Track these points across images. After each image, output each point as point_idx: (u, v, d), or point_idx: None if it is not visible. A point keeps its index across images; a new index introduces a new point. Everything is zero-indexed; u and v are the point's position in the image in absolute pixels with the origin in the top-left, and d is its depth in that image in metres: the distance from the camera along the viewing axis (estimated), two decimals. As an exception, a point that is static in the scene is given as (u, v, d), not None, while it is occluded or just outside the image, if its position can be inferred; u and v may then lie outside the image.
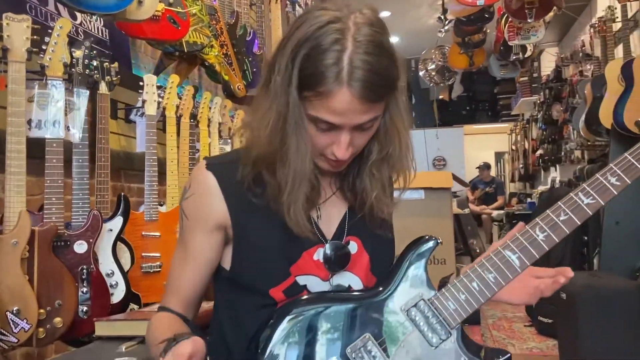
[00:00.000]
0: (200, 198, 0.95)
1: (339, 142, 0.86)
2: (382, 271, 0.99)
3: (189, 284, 0.97)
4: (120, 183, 2.49)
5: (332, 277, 0.94)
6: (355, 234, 0.98)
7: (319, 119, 0.85)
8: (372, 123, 0.88)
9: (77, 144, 1.71)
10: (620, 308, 2.43)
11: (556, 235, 0.86)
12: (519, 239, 0.87)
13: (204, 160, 0.99)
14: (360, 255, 0.97)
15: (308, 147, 0.87)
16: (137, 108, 2.35)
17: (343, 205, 0.99)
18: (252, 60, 3.01)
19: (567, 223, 0.86)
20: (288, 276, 0.92)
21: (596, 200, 0.85)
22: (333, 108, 0.83)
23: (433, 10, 7.16)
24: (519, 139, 8.55)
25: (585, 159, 4.80)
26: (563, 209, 0.86)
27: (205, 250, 0.96)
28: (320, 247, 0.94)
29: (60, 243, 1.57)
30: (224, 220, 0.94)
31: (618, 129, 3.00)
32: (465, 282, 0.87)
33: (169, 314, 0.97)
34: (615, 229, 3.09)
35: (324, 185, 0.98)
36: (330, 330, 0.86)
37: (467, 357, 0.85)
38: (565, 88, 5.40)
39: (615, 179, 0.85)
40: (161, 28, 2.24)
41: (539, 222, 0.86)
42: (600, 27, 3.88)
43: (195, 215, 0.96)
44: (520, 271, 0.86)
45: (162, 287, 2.16)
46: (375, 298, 0.89)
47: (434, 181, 3.28)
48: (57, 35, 1.62)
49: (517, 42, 4.63)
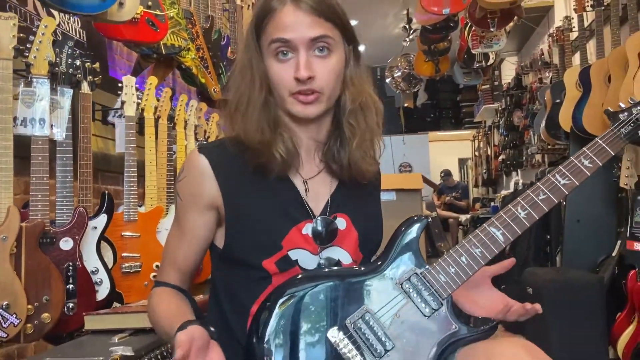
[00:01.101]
0: (193, 179, 1.01)
1: (298, 63, 0.95)
2: (370, 248, 1.07)
3: (185, 257, 1.04)
4: (97, 185, 2.49)
5: (321, 251, 1.00)
6: (344, 211, 1.04)
7: (274, 41, 0.95)
8: (326, 46, 0.97)
9: (60, 142, 1.72)
10: (585, 300, 2.56)
11: (536, 212, 0.94)
12: (502, 216, 0.95)
13: (196, 146, 1.06)
14: (349, 232, 1.04)
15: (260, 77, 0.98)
16: (115, 109, 2.36)
17: (331, 183, 1.05)
18: (227, 65, 3.05)
19: (545, 202, 0.94)
20: (280, 249, 0.98)
21: (571, 181, 0.94)
22: (282, 24, 0.95)
23: (398, 20, 7.35)
24: (482, 145, 8.80)
25: (546, 162, 5.00)
26: (542, 189, 0.94)
27: (200, 228, 1.02)
28: (309, 222, 1.01)
29: (46, 240, 1.57)
30: (215, 199, 1.00)
31: (577, 132, 3.16)
32: (455, 257, 0.94)
33: (167, 288, 1.04)
34: (576, 227, 3.24)
35: (309, 161, 1.05)
36: (328, 305, 0.92)
37: (457, 324, 0.92)
38: (526, 95, 5.61)
39: (588, 162, 0.94)
40: (140, 30, 2.26)
41: (520, 201, 0.95)
42: (558, 37, 4.07)
43: (188, 196, 1.02)
44: (504, 246, 0.94)
45: (143, 288, 2.19)
46: (371, 273, 0.95)
47: (405, 183, 3.38)
48: (42, 34, 1.63)
49: (481, 50, 4.81)
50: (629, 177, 2.65)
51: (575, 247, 3.20)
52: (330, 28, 0.96)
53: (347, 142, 1.01)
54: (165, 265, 1.07)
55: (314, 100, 0.97)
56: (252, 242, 0.99)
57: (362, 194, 1.08)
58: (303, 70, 0.94)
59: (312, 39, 0.94)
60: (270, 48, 0.96)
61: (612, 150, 0.95)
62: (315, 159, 1.05)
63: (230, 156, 1.00)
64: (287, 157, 0.98)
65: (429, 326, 0.92)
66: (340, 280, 0.94)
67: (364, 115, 1.02)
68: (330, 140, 1.04)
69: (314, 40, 0.95)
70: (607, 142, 0.96)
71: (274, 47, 0.96)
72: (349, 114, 1.01)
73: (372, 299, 0.93)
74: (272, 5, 0.96)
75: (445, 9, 3.80)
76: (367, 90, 1.04)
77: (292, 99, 0.97)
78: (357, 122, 1.02)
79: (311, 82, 0.95)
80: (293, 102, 0.98)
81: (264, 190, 1.00)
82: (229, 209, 1.00)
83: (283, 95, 0.98)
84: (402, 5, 6.74)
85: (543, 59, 4.83)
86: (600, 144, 0.96)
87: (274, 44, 0.96)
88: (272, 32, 0.96)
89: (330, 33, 0.96)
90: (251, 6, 3.73)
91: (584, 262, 3.04)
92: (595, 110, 3.01)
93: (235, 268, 1.02)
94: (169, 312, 0.97)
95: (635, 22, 2.73)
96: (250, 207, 1.00)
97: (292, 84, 0.96)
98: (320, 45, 0.96)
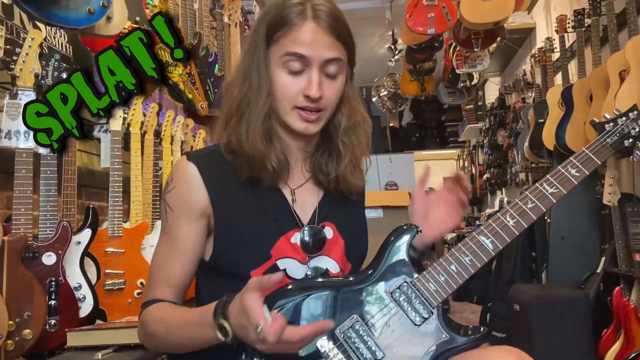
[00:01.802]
0: (183, 188, 1.00)
1: (310, 80, 0.94)
2: (357, 257, 1.07)
3: (178, 271, 1.00)
4: (81, 200, 2.45)
5: (309, 260, 1.00)
6: (331, 220, 1.04)
7: (289, 54, 0.94)
8: (337, 69, 0.97)
9: (45, 156, 1.69)
10: (571, 316, 2.57)
11: (524, 221, 0.94)
12: (491, 225, 0.95)
13: (184, 155, 1.05)
14: (336, 241, 1.04)
15: (275, 83, 0.96)
16: (101, 124, 2.34)
17: (317, 192, 1.06)
18: (214, 81, 3.05)
19: (534, 210, 0.95)
20: (269, 258, 0.97)
21: (559, 190, 0.95)
22: (301, 39, 0.94)
23: (384, 41, 7.44)
24: (467, 164, 8.89)
25: (530, 181, 5.05)
26: (530, 198, 0.95)
27: (192, 239, 0.99)
28: (297, 231, 1.01)
29: (29, 255, 1.54)
30: (206, 207, 0.99)
31: (561, 150, 3.21)
32: (445, 265, 0.94)
33: (163, 302, 0.98)
34: (561, 244, 3.27)
35: (297, 171, 1.05)
36: (318, 314, 0.91)
37: (448, 333, 0.92)
38: (509, 114, 5.69)
39: (575, 171, 0.96)
40: (127, 45, 2.26)
41: (509, 209, 0.95)
42: (540, 57, 4.16)
43: (179, 206, 1.00)
44: (493, 254, 0.94)
45: (127, 305, 2.15)
46: (361, 283, 0.94)
47: (392, 200, 3.40)
48: (28, 47, 1.62)
49: (465, 70, 4.88)
50: (611, 193, 2.69)
51: (560, 263, 3.23)
52: (343, 50, 0.98)
53: (338, 156, 1.03)
54: (155, 283, 1.01)
55: (316, 119, 0.98)
56: (240, 251, 0.98)
57: (347, 204, 1.09)
58: (315, 90, 0.94)
59: (327, 60, 0.95)
60: (282, 59, 0.96)
61: (598, 159, 0.97)
62: (302, 168, 1.06)
63: (220, 164, 1.00)
64: (279, 168, 0.99)
65: (419, 335, 0.91)
66: (330, 290, 0.93)
67: (357, 133, 1.04)
68: (318, 151, 1.05)
69: (328, 61, 0.95)
70: (593, 152, 0.98)
71: (286, 59, 0.95)
72: (343, 132, 1.03)
73: (363, 308, 0.92)
74: (289, 17, 0.95)
75: (430, 29, 3.86)
76: (360, 108, 1.06)
77: (295, 113, 0.98)
78: (350, 140, 1.04)
79: (318, 101, 0.96)
80: (295, 117, 0.98)
81: (253, 199, 1.00)
82: (219, 217, 0.98)
83: (285, 107, 0.97)
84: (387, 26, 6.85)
85: (526, 79, 4.92)
86: (587, 153, 0.98)
87: (287, 57, 0.95)
88: (289, 45, 0.95)
89: (342, 56, 0.98)
90: (239, 24, 3.76)
91: (569, 278, 3.06)
92: (577, 129, 3.06)
93: (223, 280, 1.00)
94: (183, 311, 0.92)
95: (616, 43, 2.79)
96: (240, 216, 0.99)
97: (299, 99, 0.96)
98: (333, 66, 0.97)
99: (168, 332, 0.94)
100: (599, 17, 3.05)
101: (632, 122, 1.02)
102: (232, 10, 3.75)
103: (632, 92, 2.37)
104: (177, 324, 0.92)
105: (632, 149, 1.01)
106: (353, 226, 1.09)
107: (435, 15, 3.80)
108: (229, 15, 3.69)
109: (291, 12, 0.95)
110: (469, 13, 3.58)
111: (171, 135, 2.67)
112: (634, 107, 1.03)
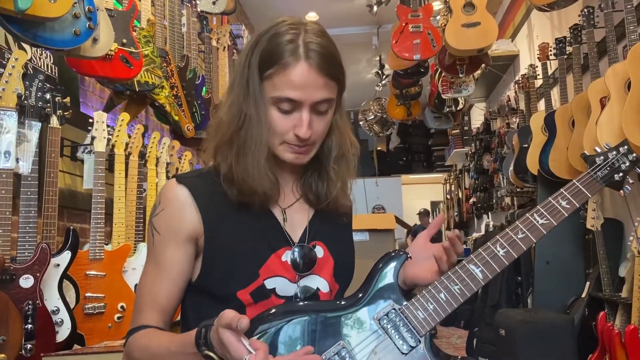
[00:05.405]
0: (172, 211, 0.98)
1: (301, 120, 0.94)
2: (345, 277, 1.06)
3: (165, 295, 0.98)
4: (63, 222, 2.41)
5: (299, 279, 0.98)
6: (321, 240, 1.04)
7: (281, 98, 0.93)
8: (327, 106, 0.97)
9: (26, 177, 1.67)
10: (556, 340, 2.56)
11: (514, 251, 0.94)
12: (481, 254, 0.94)
13: (173, 177, 1.03)
14: (326, 260, 1.03)
15: (266, 118, 0.95)
16: (85, 145, 2.32)
17: (307, 212, 1.05)
18: (201, 104, 3.05)
19: (524, 241, 0.94)
20: (256, 277, 0.96)
21: (549, 221, 0.95)
22: (293, 82, 0.92)
23: (371, 66, 7.54)
24: (453, 188, 8.93)
25: (515, 204, 5.09)
26: (520, 228, 0.95)
27: (179, 262, 0.97)
28: (288, 249, 0.99)
29: (5, 277, 1.50)
30: (196, 230, 0.97)
31: (544, 175, 3.24)
32: (433, 293, 0.92)
33: (151, 329, 0.95)
34: (546, 269, 3.28)
35: (287, 191, 1.04)
36: (303, 340, 0.89)
37: (435, 363, 0.90)
38: (494, 139, 5.76)
39: (565, 202, 0.96)
40: (114, 67, 2.25)
41: (500, 239, 0.95)
42: (524, 84, 4.22)
43: (166, 230, 0.98)
44: (483, 283, 0.93)
45: (106, 330, 2.10)
46: (348, 308, 0.93)
47: (378, 223, 3.38)
48: (12, 67, 1.61)
49: (450, 95, 4.94)
50: (594, 218, 2.71)
51: (545, 288, 3.23)
52: (334, 88, 0.97)
53: (328, 180, 1.04)
54: (141, 309, 0.98)
55: (305, 152, 0.99)
56: (228, 271, 0.96)
57: (336, 224, 1.08)
58: (305, 130, 0.94)
59: (318, 102, 0.95)
60: (273, 99, 0.95)
61: (589, 192, 0.97)
62: (293, 188, 1.06)
63: (211, 186, 0.98)
64: (271, 192, 0.98)
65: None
66: (316, 315, 0.91)
67: (347, 159, 1.05)
68: (308, 172, 1.05)
69: (318, 102, 0.95)
70: (584, 184, 0.98)
71: (278, 100, 0.94)
72: (334, 160, 1.04)
73: (349, 334, 0.90)
74: (283, 55, 0.92)
75: (416, 55, 3.90)
76: (349, 134, 1.07)
77: (285, 146, 0.98)
78: (340, 167, 1.04)
79: (307, 140, 0.96)
80: (285, 150, 0.98)
81: (244, 219, 0.98)
82: (209, 238, 0.97)
83: (274, 142, 0.97)
84: (374, 52, 6.94)
85: (510, 104, 4.99)
86: (577, 185, 0.97)
87: (280, 102, 0.94)
88: (281, 87, 0.93)
89: (333, 94, 0.97)
90: (227, 48, 3.78)
91: (554, 303, 3.07)
92: (560, 154, 3.10)
93: (208, 301, 0.98)
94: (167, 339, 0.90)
95: (596, 70, 2.85)
96: (230, 237, 0.97)
97: (289, 136, 0.96)
98: (323, 105, 0.96)
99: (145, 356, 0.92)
100: (580, 45, 3.11)
101: (622, 157, 1.01)
102: (221, 34, 3.77)
103: (613, 117, 2.41)
104: (162, 353, 0.90)
105: (622, 183, 1.01)
106: (342, 246, 1.08)
107: (421, 42, 3.86)
108: (217, 39, 3.71)
109: (284, 50, 0.93)
110: (453, 40, 3.64)
111: (156, 157, 2.65)
112: (624, 141, 1.04)
